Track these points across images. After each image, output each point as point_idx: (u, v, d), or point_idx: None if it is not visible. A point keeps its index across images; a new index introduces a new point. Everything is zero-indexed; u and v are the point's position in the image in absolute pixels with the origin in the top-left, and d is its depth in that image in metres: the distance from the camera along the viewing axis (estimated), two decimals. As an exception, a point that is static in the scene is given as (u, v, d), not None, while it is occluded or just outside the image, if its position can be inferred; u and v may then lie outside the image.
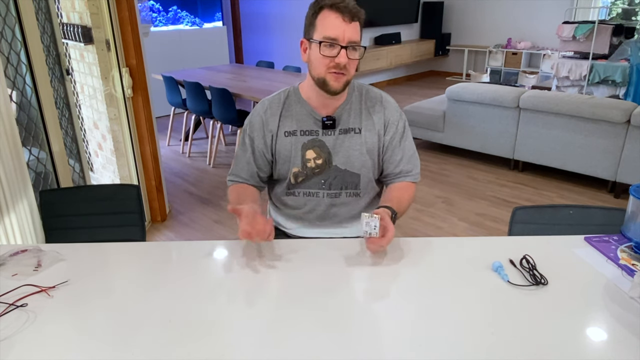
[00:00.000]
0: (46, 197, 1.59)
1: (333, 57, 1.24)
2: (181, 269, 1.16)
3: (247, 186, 1.45)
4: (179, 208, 3.36)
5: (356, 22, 1.24)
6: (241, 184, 1.45)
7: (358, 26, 1.26)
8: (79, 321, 0.96)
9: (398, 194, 1.39)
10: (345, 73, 1.27)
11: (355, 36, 1.24)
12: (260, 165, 1.43)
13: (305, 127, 1.38)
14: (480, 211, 3.25)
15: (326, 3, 1.23)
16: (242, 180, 1.45)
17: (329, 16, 1.23)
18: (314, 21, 1.26)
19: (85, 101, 3.04)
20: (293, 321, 0.96)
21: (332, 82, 1.28)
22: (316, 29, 1.25)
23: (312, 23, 1.27)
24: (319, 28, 1.24)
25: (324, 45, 1.23)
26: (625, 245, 1.21)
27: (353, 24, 1.24)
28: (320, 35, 1.24)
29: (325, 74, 1.27)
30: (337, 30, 1.22)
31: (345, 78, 1.28)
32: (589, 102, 3.43)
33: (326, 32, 1.23)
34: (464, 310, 0.98)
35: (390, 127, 1.40)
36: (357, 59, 1.27)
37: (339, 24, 1.22)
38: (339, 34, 1.22)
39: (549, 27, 6.69)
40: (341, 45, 1.23)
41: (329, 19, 1.23)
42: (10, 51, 1.95)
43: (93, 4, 2.56)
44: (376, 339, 0.90)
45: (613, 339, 0.90)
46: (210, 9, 7.12)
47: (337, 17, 1.22)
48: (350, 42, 1.23)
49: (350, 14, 1.22)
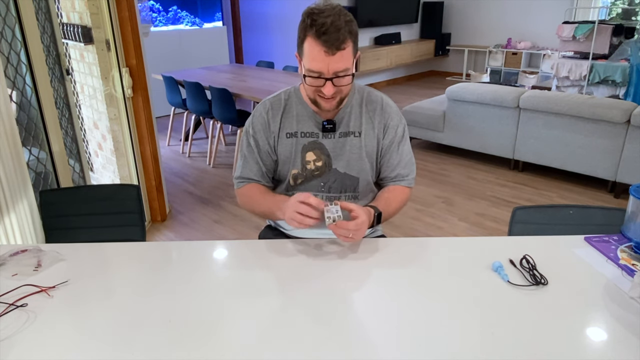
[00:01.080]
0: (46, 197, 1.59)
1: (320, 87, 1.23)
2: (181, 269, 1.16)
3: (261, 185, 1.44)
4: (179, 208, 3.36)
5: (343, 50, 1.18)
6: (254, 184, 1.43)
7: (347, 52, 1.19)
8: (79, 321, 0.96)
9: (388, 195, 1.40)
10: (336, 96, 1.26)
11: (341, 65, 1.19)
12: (267, 165, 1.43)
13: (306, 129, 1.38)
14: (480, 211, 3.25)
15: (311, 32, 1.17)
16: (253, 181, 1.43)
17: (313, 47, 1.17)
18: (301, 44, 1.22)
19: (85, 101, 3.04)
20: (293, 321, 0.96)
21: (323, 104, 1.28)
22: (303, 54, 1.22)
23: (300, 44, 1.23)
24: (305, 56, 1.21)
25: (309, 77, 1.22)
26: (625, 245, 1.21)
27: (338, 54, 1.17)
28: (305, 65, 1.21)
29: (316, 97, 1.27)
30: (320, 64, 1.18)
31: (337, 99, 1.27)
32: (589, 102, 3.43)
33: (310, 65, 1.20)
34: (464, 310, 0.98)
35: (390, 131, 1.40)
36: (347, 84, 1.24)
37: (323, 57, 1.17)
38: (322, 68, 1.19)
39: (549, 27, 6.69)
40: (325, 78, 1.20)
41: (313, 50, 1.17)
42: (10, 51, 1.95)
43: (93, 4, 2.56)
44: (376, 338, 0.90)
45: (613, 339, 0.90)
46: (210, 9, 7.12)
47: (320, 51, 1.16)
48: (335, 72, 1.20)
49: (335, 45, 1.15)
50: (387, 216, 1.36)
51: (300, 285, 1.08)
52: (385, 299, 1.03)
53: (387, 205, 1.35)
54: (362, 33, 6.91)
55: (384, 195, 1.40)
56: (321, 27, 1.15)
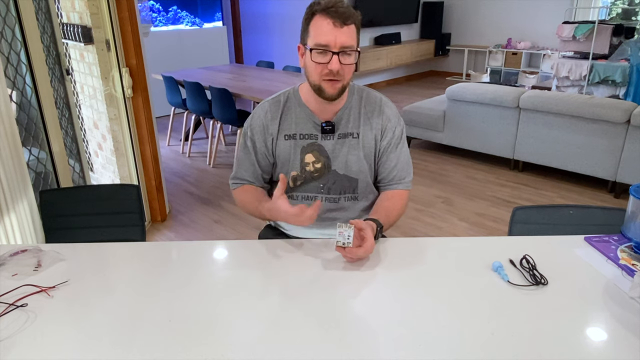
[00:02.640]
0: (46, 197, 1.59)
1: (325, 64, 1.23)
2: (181, 269, 1.16)
3: (256, 187, 1.45)
4: (179, 208, 3.36)
5: (349, 26, 1.21)
6: (249, 186, 1.45)
7: (352, 30, 1.22)
8: (79, 321, 0.96)
9: (388, 204, 1.40)
10: (340, 79, 1.26)
11: (348, 41, 1.21)
12: (263, 167, 1.43)
13: (305, 130, 1.37)
14: (480, 211, 3.25)
15: (318, 8, 1.21)
16: (247, 182, 1.45)
17: (320, 22, 1.21)
18: (307, 27, 1.24)
19: (85, 101, 3.04)
20: (293, 321, 0.96)
21: (327, 89, 1.27)
22: (309, 35, 1.24)
23: (305, 29, 1.25)
24: (311, 34, 1.23)
25: (316, 52, 1.22)
26: (625, 245, 1.21)
27: (345, 28, 1.20)
28: (312, 41, 1.23)
29: (320, 81, 1.27)
30: (328, 37, 1.20)
31: (340, 84, 1.27)
32: (589, 102, 3.43)
33: (317, 39, 1.21)
34: (464, 310, 0.98)
35: (388, 132, 1.40)
36: (351, 64, 1.25)
37: (330, 29, 1.20)
38: (330, 40, 1.20)
39: (549, 27, 6.69)
40: (333, 51, 1.21)
41: (320, 24, 1.21)
42: (10, 51, 1.95)
43: (93, 4, 2.56)
44: (376, 339, 0.90)
45: (613, 339, 0.90)
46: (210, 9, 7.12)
47: (329, 23, 1.20)
48: (343, 47, 1.21)
49: (342, 18, 1.19)
50: (388, 226, 1.35)
51: (300, 285, 1.08)
52: (385, 299, 1.03)
53: (388, 216, 1.34)
54: (362, 33, 6.91)
55: (384, 205, 1.39)
56: (328, 3, 1.21)
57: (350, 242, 1.13)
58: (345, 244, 1.13)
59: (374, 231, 1.22)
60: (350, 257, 1.16)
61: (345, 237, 1.13)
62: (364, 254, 1.15)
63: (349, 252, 1.14)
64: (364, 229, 1.16)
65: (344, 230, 1.13)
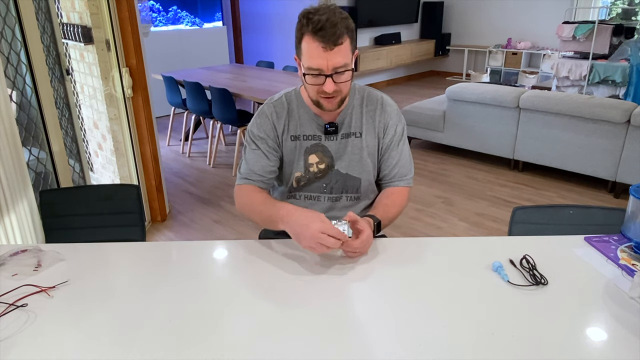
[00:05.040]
0: (46, 197, 1.59)
1: (321, 85, 1.22)
2: (181, 269, 1.16)
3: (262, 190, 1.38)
4: (179, 208, 3.36)
5: (341, 45, 1.18)
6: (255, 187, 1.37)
7: (345, 47, 1.19)
8: (79, 321, 0.96)
9: (386, 201, 1.40)
10: (337, 95, 1.25)
11: (341, 61, 1.19)
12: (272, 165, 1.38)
13: (308, 131, 1.37)
14: (480, 211, 3.25)
15: (308, 30, 1.17)
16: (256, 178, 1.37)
17: (311, 44, 1.18)
18: (299, 45, 1.23)
19: (85, 101, 3.04)
20: (293, 320, 0.96)
21: (325, 105, 1.27)
22: (302, 54, 1.22)
23: (298, 46, 1.23)
24: (303, 55, 1.21)
25: (310, 76, 1.22)
26: (625, 245, 1.21)
27: (337, 49, 1.17)
28: (305, 64, 1.21)
29: (318, 98, 1.27)
30: (319, 61, 1.18)
31: (338, 98, 1.27)
32: (589, 102, 3.43)
33: (309, 63, 1.20)
34: (464, 311, 0.98)
35: (389, 130, 1.40)
36: (347, 80, 1.24)
37: (321, 53, 1.17)
38: (322, 64, 1.18)
39: (549, 27, 6.69)
40: (326, 74, 1.20)
41: (311, 48, 1.18)
42: (10, 51, 1.95)
43: (93, 4, 2.56)
44: (375, 338, 0.90)
45: (613, 339, 0.90)
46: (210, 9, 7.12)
47: (318, 47, 1.16)
48: (335, 68, 1.19)
49: (332, 40, 1.16)
50: (387, 223, 1.35)
51: (300, 285, 1.08)
52: (385, 298, 1.03)
53: (386, 212, 1.34)
54: (362, 33, 6.91)
55: (382, 202, 1.40)
56: (317, 24, 1.15)
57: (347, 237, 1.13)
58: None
59: (371, 225, 1.22)
60: (349, 252, 1.16)
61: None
62: (360, 245, 1.14)
63: (347, 245, 1.13)
64: (358, 221, 1.16)
65: (339, 226, 1.13)
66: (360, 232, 1.15)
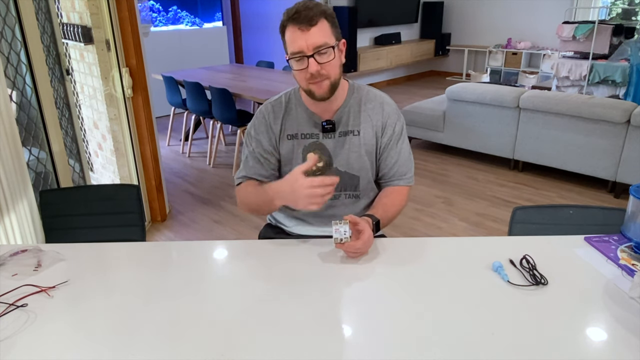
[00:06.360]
0: (46, 197, 1.59)
1: (306, 69, 1.24)
2: (181, 269, 1.16)
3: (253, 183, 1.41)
4: (179, 208, 3.36)
5: (318, 25, 1.21)
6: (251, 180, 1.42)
7: (323, 27, 1.22)
8: (79, 321, 0.96)
9: (386, 200, 1.40)
10: (325, 77, 1.26)
11: (319, 40, 1.21)
12: (271, 165, 1.42)
13: (306, 130, 1.38)
14: (480, 211, 3.25)
15: (285, 20, 1.24)
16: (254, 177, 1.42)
17: (290, 32, 1.23)
18: (284, 40, 1.27)
19: (85, 101, 3.04)
20: (293, 320, 0.96)
21: (316, 91, 1.28)
22: (286, 44, 1.27)
23: (283, 42, 1.28)
24: (287, 45, 1.26)
25: (294, 61, 1.25)
26: (625, 245, 1.21)
27: (314, 29, 1.21)
28: (288, 51, 1.25)
29: (307, 86, 1.28)
30: (298, 43, 1.22)
31: (327, 82, 1.27)
32: (589, 102, 3.43)
33: (291, 48, 1.24)
34: (464, 311, 0.98)
35: (388, 128, 1.40)
36: (331, 60, 1.25)
37: (299, 35, 1.21)
38: (301, 46, 1.22)
39: (549, 27, 6.69)
40: (307, 55, 1.22)
41: (290, 34, 1.23)
42: (10, 51, 1.95)
43: (93, 4, 2.56)
44: (375, 338, 0.90)
45: (613, 339, 0.90)
46: (210, 9, 7.12)
47: (295, 30, 1.22)
48: (316, 47, 1.22)
49: (306, 21, 1.20)
50: (387, 222, 1.35)
51: (300, 285, 1.08)
52: (385, 298, 1.03)
53: (385, 211, 1.35)
54: (362, 33, 6.91)
55: (382, 201, 1.40)
56: (292, 11, 1.22)
57: (347, 237, 1.14)
58: (342, 239, 1.14)
59: (371, 225, 1.23)
60: (350, 252, 1.17)
61: (342, 233, 1.14)
62: (362, 246, 1.16)
63: (348, 246, 1.15)
64: (359, 223, 1.17)
65: (340, 227, 1.13)
66: (361, 232, 1.16)
